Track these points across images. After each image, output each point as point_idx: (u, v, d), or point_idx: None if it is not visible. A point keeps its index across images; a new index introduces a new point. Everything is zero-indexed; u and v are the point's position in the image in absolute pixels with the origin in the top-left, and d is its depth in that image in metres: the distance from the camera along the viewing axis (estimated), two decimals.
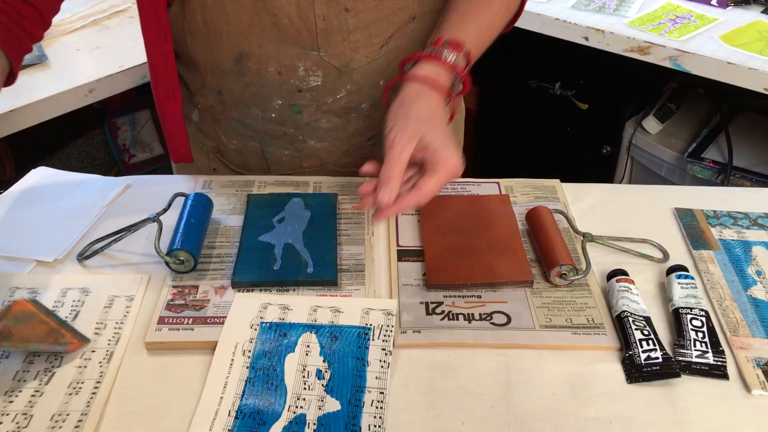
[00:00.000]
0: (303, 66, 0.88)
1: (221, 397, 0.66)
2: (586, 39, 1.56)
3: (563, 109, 1.86)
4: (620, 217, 0.89)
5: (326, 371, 0.68)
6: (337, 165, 1.00)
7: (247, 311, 0.74)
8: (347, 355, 0.69)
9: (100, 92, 1.35)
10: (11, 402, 0.65)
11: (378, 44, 0.88)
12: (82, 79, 1.33)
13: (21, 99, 1.25)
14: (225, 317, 0.73)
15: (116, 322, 0.74)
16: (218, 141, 1.00)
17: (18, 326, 0.67)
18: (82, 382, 0.67)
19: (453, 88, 0.81)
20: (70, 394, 0.66)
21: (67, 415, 0.64)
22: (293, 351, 0.70)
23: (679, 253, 0.84)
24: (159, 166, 1.86)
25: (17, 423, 0.63)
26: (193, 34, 0.88)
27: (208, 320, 0.74)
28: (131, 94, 1.78)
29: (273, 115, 0.93)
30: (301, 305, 0.74)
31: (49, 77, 1.33)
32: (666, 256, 0.83)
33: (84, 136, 1.74)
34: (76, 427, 0.62)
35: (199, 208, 0.84)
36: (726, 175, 1.55)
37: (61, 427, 0.63)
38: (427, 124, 0.74)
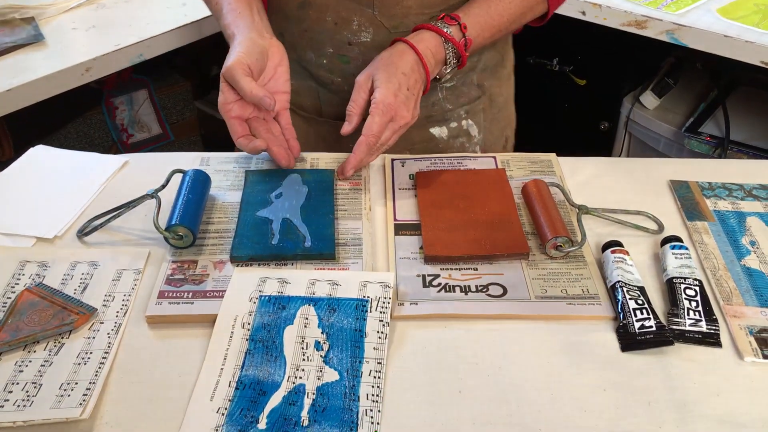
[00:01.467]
0: (357, 20, 0.94)
1: (221, 369, 0.67)
2: (583, 13, 1.56)
3: (561, 85, 1.86)
4: (616, 190, 0.90)
5: (324, 342, 0.69)
6: None
7: (246, 285, 0.75)
8: (345, 327, 0.70)
9: (97, 71, 1.35)
10: (21, 372, 0.66)
11: (428, 15, 0.95)
12: (78, 57, 1.32)
13: (18, 78, 1.25)
14: (224, 291, 0.74)
15: (124, 295, 0.75)
16: None
17: (25, 318, 0.69)
18: (91, 353, 0.68)
19: (447, 58, 0.92)
20: (79, 364, 0.67)
21: (76, 384, 0.65)
22: (292, 323, 0.71)
23: (674, 225, 0.85)
24: (157, 145, 1.86)
25: (27, 392, 0.64)
26: None
27: (207, 294, 0.74)
28: (128, 74, 1.78)
29: (324, 61, 1.00)
30: (299, 279, 0.75)
31: (45, 56, 1.33)
32: (661, 227, 0.84)
33: (82, 117, 1.74)
34: (84, 395, 0.64)
35: (197, 184, 0.85)
36: (723, 149, 1.56)
37: (69, 396, 0.64)
38: (380, 68, 0.88)
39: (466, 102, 1.06)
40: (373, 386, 0.65)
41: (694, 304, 0.72)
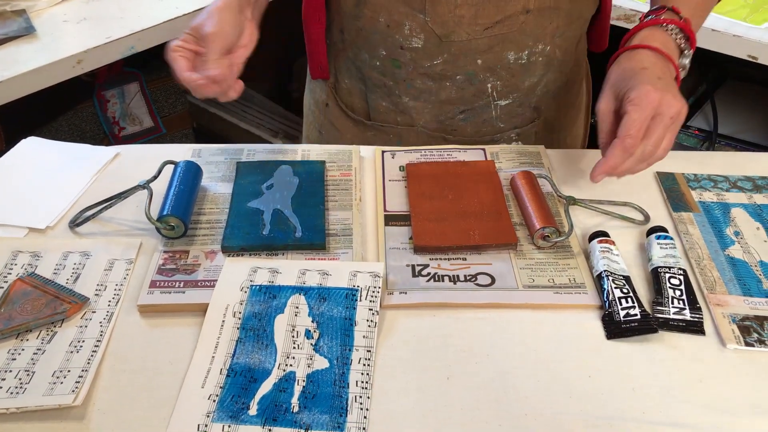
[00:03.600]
0: (409, 25, 0.92)
1: (213, 357, 0.68)
2: None
3: None
4: (603, 182, 0.90)
5: (315, 331, 0.70)
6: (426, 127, 1.03)
7: (237, 275, 0.75)
8: (335, 316, 0.71)
9: (89, 63, 1.35)
10: (14, 360, 0.67)
11: (482, 26, 0.91)
12: (70, 50, 1.32)
13: (9, 71, 1.25)
14: (215, 281, 0.75)
15: (116, 285, 0.75)
16: (335, 77, 1.07)
17: (18, 307, 0.70)
18: (83, 341, 0.69)
19: (678, 43, 0.85)
20: (71, 353, 0.68)
21: (68, 371, 0.66)
22: (282, 312, 0.72)
23: (660, 216, 0.86)
24: (149, 138, 1.86)
25: (20, 379, 0.65)
26: None
27: (198, 284, 0.75)
28: (120, 67, 1.78)
29: (377, 63, 0.99)
30: (290, 269, 0.76)
31: (36, 49, 1.33)
32: (647, 218, 0.85)
33: (73, 109, 1.73)
34: (77, 383, 0.64)
35: (189, 175, 0.85)
36: (711, 142, 1.57)
37: (62, 383, 0.64)
38: (616, 81, 0.81)
39: (520, 124, 1.03)
40: (362, 373, 0.66)
41: (678, 293, 0.73)
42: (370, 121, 1.06)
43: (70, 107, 1.73)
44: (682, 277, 0.74)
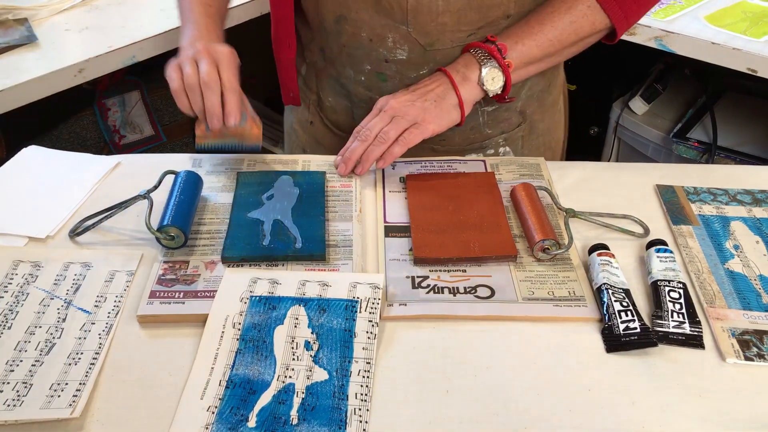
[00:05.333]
0: (392, 38, 0.93)
1: (212, 368, 0.67)
2: None
3: None
4: (603, 194, 0.91)
5: (314, 342, 0.70)
6: None
7: (236, 286, 0.75)
8: (335, 327, 0.71)
9: (90, 72, 1.35)
10: (12, 371, 0.67)
11: (466, 32, 0.92)
12: (71, 59, 1.33)
13: (10, 79, 1.25)
14: (215, 291, 0.75)
15: (116, 296, 0.75)
16: (318, 96, 1.07)
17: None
18: (82, 353, 0.69)
19: (480, 64, 0.91)
20: (69, 365, 0.67)
21: (66, 384, 0.65)
22: (282, 323, 0.71)
23: (660, 229, 0.86)
24: (149, 146, 1.86)
25: (17, 391, 0.65)
26: None
27: (198, 294, 0.75)
28: (121, 75, 1.78)
29: (363, 78, 0.99)
30: (289, 280, 0.76)
31: (38, 57, 1.33)
32: (647, 231, 0.85)
33: (74, 117, 1.73)
34: (74, 396, 0.64)
35: (189, 185, 0.85)
36: (710, 154, 1.57)
37: (59, 396, 0.64)
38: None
39: (507, 129, 1.04)
40: (362, 386, 0.66)
41: (678, 306, 0.73)
42: None
43: (71, 115, 1.73)
44: (681, 291, 0.74)
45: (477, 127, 1.02)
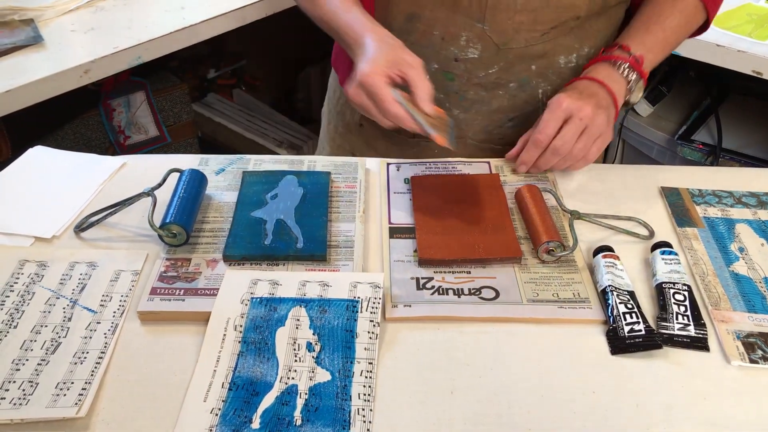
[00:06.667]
0: (465, 36, 0.92)
1: (215, 371, 0.67)
2: None
3: None
4: (608, 196, 0.91)
5: (316, 343, 0.70)
6: (474, 139, 1.04)
7: (237, 287, 0.75)
8: (336, 328, 0.71)
9: (96, 73, 1.36)
10: (18, 370, 0.67)
11: (540, 31, 0.92)
12: (77, 60, 1.33)
13: (16, 80, 1.25)
14: (216, 289, 0.75)
15: (122, 296, 0.75)
16: None
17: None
18: (87, 352, 0.69)
19: (629, 88, 0.93)
20: (75, 364, 0.68)
21: (72, 383, 0.66)
22: (283, 325, 0.71)
23: (665, 231, 0.86)
24: (154, 147, 1.86)
25: (23, 390, 0.65)
26: None
27: (199, 292, 0.75)
28: (126, 76, 1.78)
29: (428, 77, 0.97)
30: (290, 280, 0.76)
31: (44, 58, 1.33)
32: (651, 233, 0.85)
33: (79, 118, 1.74)
34: (80, 395, 0.64)
35: (193, 183, 0.86)
36: (715, 156, 1.57)
37: (65, 395, 0.64)
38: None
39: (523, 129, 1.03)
40: (364, 386, 0.66)
41: (682, 308, 0.73)
42: (414, 139, 1.04)
43: (77, 116, 1.74)
44: (686, 293, 0.74)
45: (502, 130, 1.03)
